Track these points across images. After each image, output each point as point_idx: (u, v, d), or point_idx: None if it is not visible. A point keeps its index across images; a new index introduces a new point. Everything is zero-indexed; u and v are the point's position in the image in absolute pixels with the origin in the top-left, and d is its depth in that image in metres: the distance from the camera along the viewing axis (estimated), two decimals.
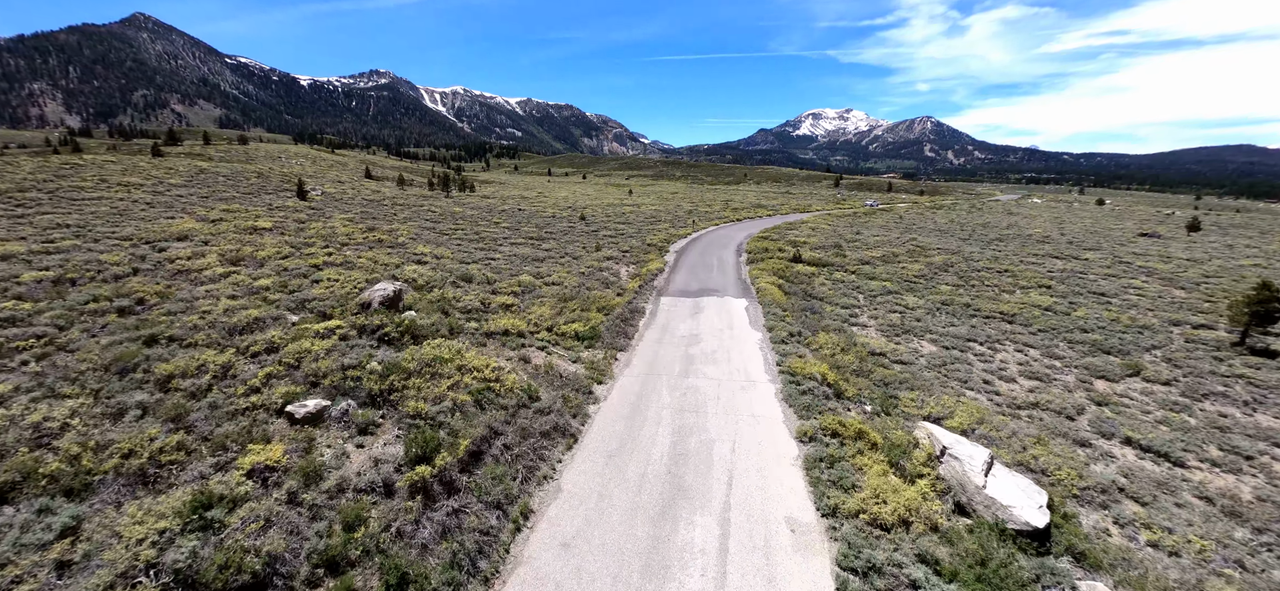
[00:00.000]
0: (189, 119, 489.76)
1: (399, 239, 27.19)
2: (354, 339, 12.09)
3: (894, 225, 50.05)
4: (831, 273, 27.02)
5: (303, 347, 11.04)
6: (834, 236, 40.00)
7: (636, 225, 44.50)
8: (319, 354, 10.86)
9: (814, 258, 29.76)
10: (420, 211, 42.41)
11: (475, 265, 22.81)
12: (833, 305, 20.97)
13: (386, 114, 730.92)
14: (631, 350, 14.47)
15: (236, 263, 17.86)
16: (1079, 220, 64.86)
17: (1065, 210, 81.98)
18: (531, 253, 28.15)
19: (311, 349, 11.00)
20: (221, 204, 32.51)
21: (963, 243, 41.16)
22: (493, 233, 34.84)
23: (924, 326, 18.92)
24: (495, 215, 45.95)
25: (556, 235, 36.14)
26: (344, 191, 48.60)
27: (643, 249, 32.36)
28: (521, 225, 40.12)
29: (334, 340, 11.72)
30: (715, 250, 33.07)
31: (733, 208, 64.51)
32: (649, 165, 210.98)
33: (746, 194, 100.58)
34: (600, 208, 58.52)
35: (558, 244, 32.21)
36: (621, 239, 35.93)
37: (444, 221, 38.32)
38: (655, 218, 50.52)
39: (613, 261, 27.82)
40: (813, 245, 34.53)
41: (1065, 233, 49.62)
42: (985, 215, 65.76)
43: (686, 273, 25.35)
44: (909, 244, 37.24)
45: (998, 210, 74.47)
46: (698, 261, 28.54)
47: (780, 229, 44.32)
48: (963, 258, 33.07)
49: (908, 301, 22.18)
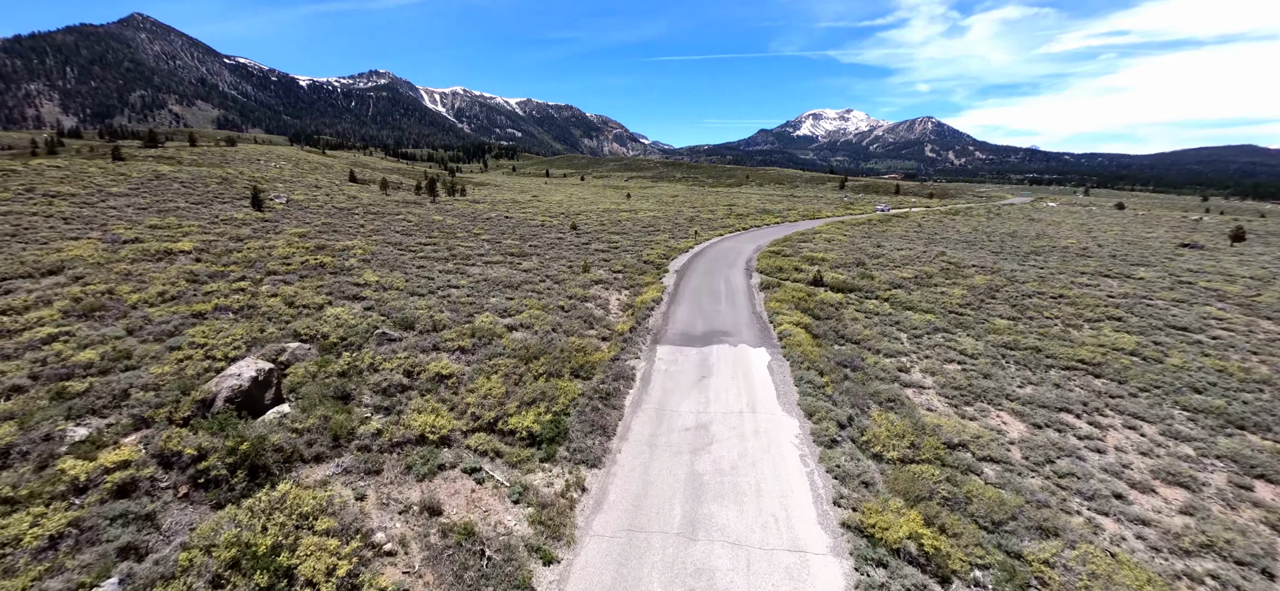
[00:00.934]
0: (186, 119, 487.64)
1: (348, 262, 22.99)
2: (145, 486, 7.75)
3: (914, 235, 45.83)
4: (861, 300, 22.81)
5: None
6: (853, 250, 35.78)
7: (633, 236, 40.30)
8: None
9: (838, 280, 25.54)
10: (394, 221, 38.27)
11: (428, 298, 18.59)
12: (874, 352, 16.74)
13: (386, 115, 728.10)
14: (609, 465, 9.77)
15: (90, 313, 13.66)
16: (1106, 227, 60.64)
17: (1086, 215, 77.72)
18: (506, 275, 23.95)
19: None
20: (155, 217, 28.36)
21: (995, 255, 36.97)
22: (468, 248, 30.67)
23: (997, 386, 14.70)
24: (478, 224, 41.80)
25: (541, 249, 31.98)
26: (315, 198, 44.46)
27: (638, 268, 28.15)
28: (504, 237, 35.94)
29: (85, 507, 7.28)
30: (722, 269, 28.82)
31: (737, 214, 60.31)
32: (649, 166, 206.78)
33: (749, 197, 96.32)
34: (595, 214, 54.38)
35: (540, 261, 28.03)
36: (615, 254, 31.77)
37: (416, 233, 34.16)
38: (654, 226, 46.34)
39: (602, 287, 23.62)
40: (832, 263, 30.30)
41: (1100, 243, 45.40)
42: (1007, 222, 61.52)
43: (689, 304, 21.06)
44: (939, 260, 33.03)
45: (1018, 216, 70.20)
46: (702, 286, 24.24)
47: (792, 241, 40.12)
48: (1005, 278, 28.84)
49: (963, 344, 17.96)
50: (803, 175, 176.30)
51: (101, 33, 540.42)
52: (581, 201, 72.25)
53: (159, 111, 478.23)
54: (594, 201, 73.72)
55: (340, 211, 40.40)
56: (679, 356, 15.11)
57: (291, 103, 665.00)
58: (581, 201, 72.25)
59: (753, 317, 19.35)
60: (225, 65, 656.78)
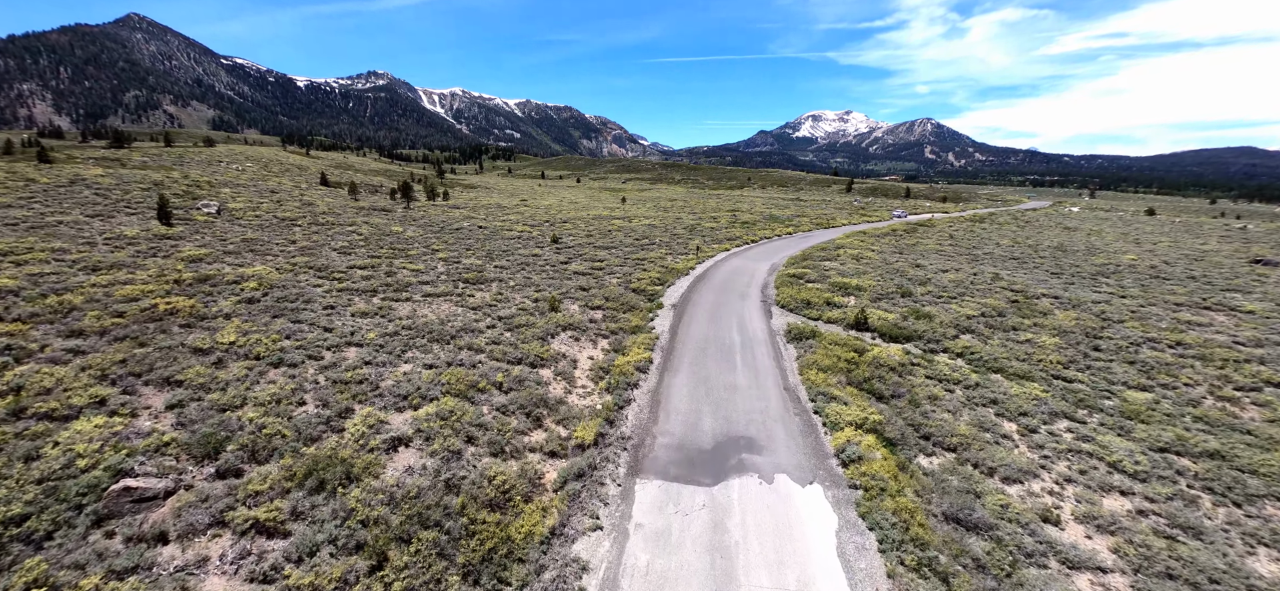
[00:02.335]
0: (181, 120, 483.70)
1: (218, 306, 16.73)
2: None
3: (950, 249, 39.58)
4: (927, 356, 16.59)
5: None
6: (890, 272, 29.52)
7: (624, 251, 34.10)
8: None
9: (887, 322, 19.30)
10: (340, 234, 32.08)
11: (293, 375, 12.39)
12: (985, 472, 10.52)
13: (384, 115, 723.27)
14: None
15: None
16: (1152, 237, 54.41)
17: (1121, 223, 71.42)
18: (444, 317, 17.75)
19: None
20: (11, 237, 22.20)
21: (1056, 277, 30.75)
22: (414, 271, 24.44)
23: (1208, 563, 8.48)
24: (444, 236, 35.60)
25: (508, 272, 25.76)
26: (261, 206, 38.27)
27: (623, 302, 21.91)
28: (466, 254, 29.72)
29: None
30: (732, 303, 22.55)
31: (742, 222, 54.07)
32: (647, 168, 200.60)
33: (753, 201, 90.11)
34: (584, 221, 48.18)
35: (499, 292, 21.82)
36: (598, 280, 25.55)
37: (359, 250, 27.94)
38: (648, 239, 40.10)
39: (571, 336, 17.40)
40: (872, 292, 24.03)
41: (1167, 260, 39.15)
42: (1043, 231, 55.27)
43: (691, 374, 14.69)
44: (1000, 287, 26.79)
45: (1049, 224, 63.90)
46: (709, 337, 17.85)
47: (812, 258, 33.89)
48: (1093, 314, 22.60)
49: (1108, 447, 11.74)
50: (806, 177, 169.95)
51: (96, 33, 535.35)
52: (572, 207, 66.08)
53: (153, 112, 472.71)
54: (586, 206, 67.57)
55: (280, 223, 34.23)
56: (673, 512, 8.71)
57: (288, 103, 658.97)
58: (572, 207, 66.08)
59: (787, 402, 13.03)
60: (222, 66, 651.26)
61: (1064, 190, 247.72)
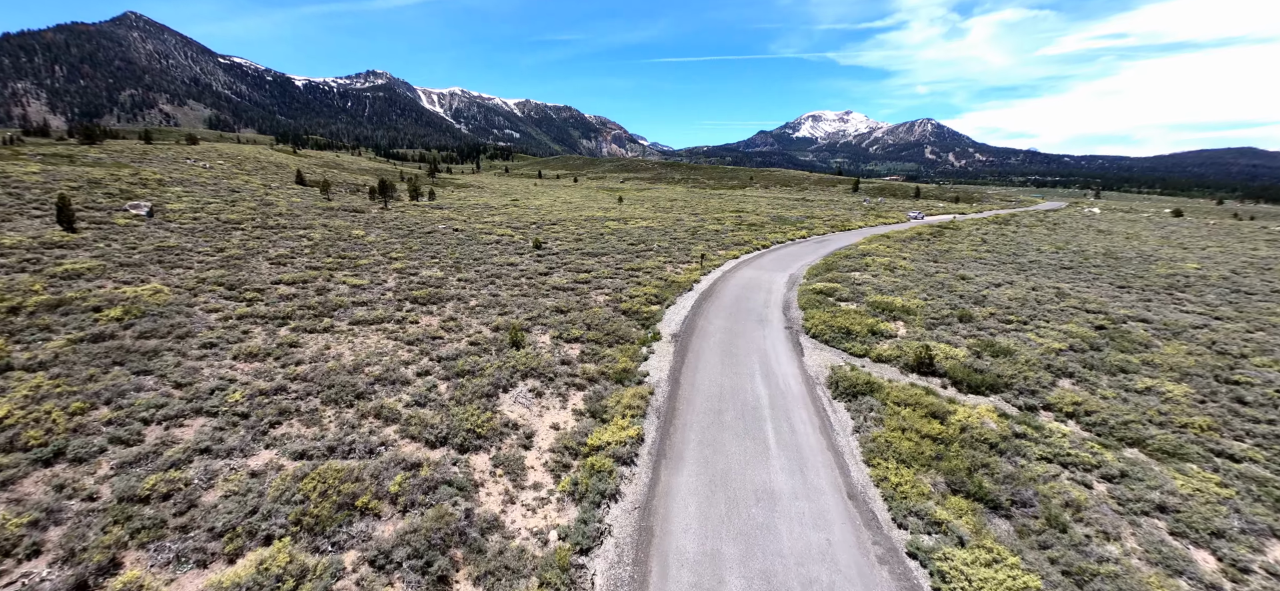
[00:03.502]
0: (177, 119, 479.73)
1: (23, 358, 12.07)
2: None
3: (989, 256, 34.83)
4: (1033, 422, 11.89)
5: None
6: (934, 286, 24.77)
7: (615, 259, 29.38)
8: None
9: (958, 363, 14.61)
10: (285, 239, 27.33)
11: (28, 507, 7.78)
12: None
13: (382, 114, 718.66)
14: None
15: None
16: (1194, 241, 49.72)
17: (1152, 225, 66.72)
18: (364, 357, 13.09)
19: None
20: None
21: (1124, 291, 26.04)
22: (354, 285, 19.75)
23: None
24: (411, 241, 30.89)
25: (471, 289, 21.05)
26: (208, 207, 33.60)
27: (609, 333, 17.20)
28: (428, 264, 25.00)
29: None
30: (750, 336, 17.79)
31: (749, 224, 49.35)
32: (646, 167, 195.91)
33: (758, 201, 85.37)
34: (575, 223, 43.48)
35: (450, 318, 17.10)
36: (580, 297, 20.88)
37: (298, 260, 23.21)
38: (645, 243, 35.38)
39: (533, 386, 12.72)
40: (923, 316, 19.30)
41: (1234, 270, 34.46)
42: (1078, 235, 50.56)
43: (700, 466, 9.47)
44: (1072, 307, 22.07)
45: (1081, 227, 59.14)
46: (724, 391, 12.76)
47: (836, 266, 29.16)
48: (1208, 347, 17.89)
49: None
50: (810, 177, 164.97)
51: (92, 31, 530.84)
52: (565, 207, 61.36)
53: (149, 111, 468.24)
54: (580, 207, 62.87)
55: (221, 226, 29.55)
56: None
57: (286, 103, 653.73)
58: (565, 207, 61.36)
59: (859, 528, 8.03)
60: (220, 65, 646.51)
61: (1067, 191, 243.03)
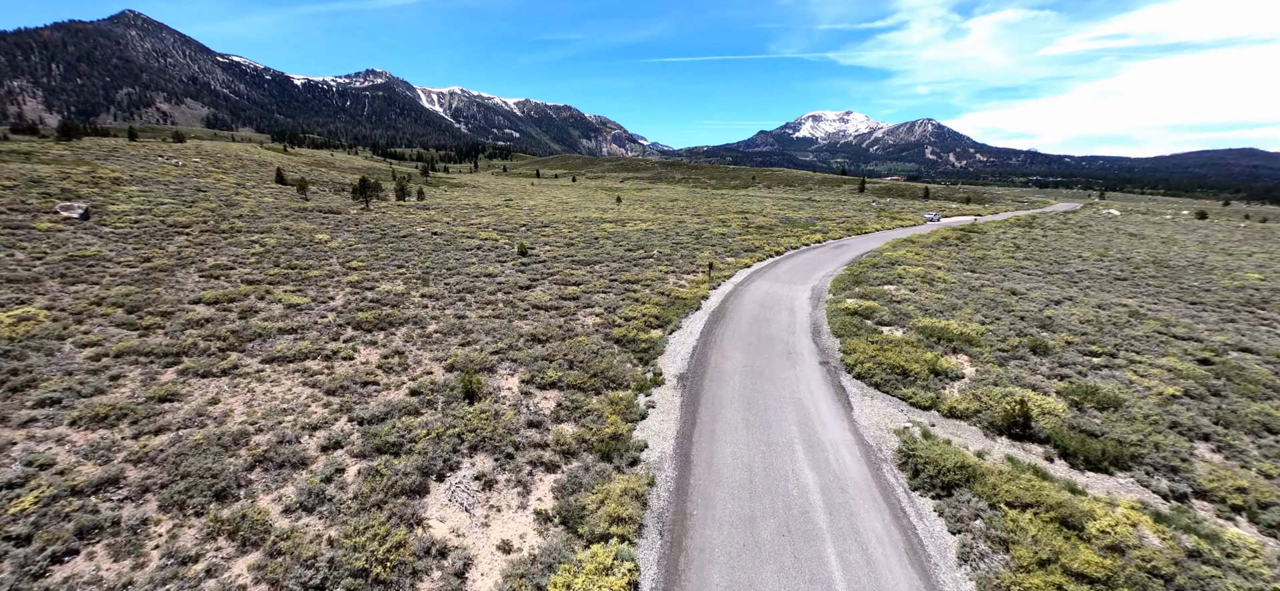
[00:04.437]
0: (175, 118, 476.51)
1: None
2: None
3: (1029, 265, 31.29)
4: (1200, 533, 8.46)
5: None
6: (984, 303, 21.30)
7: (610, 268, 25.94)
8: None
9: (1058, 423, 11.20)
10: (234, 245, 23.89)
11: None
12: None
13: (381, 114, 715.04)
14: None
15: None
16: (1233, 245, 46.25)
17: (1175, 226, 63.18)
18: (253, 418, 9.82)
19: None
20: None
21: (1197, 308, 22.60)
22: (285, 310, 16.36)
23: None
24: (383, 246, 27.44)
25: (431, 309, 17.63)
26: (157, 208, 30.21)
27: (596, 374, 13.77)
28: (392, 275, 21.57)
29: None
30: (779, 378, 14.22)
31: (757, 227, 45.88)
32: (646, 167, 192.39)
33: (762, 202, 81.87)
34: (568, 225, 40.03)
35: (395, 350, 13.71)
36: (564, 319, 17.47)
37: (239, 268, 19.79)
38: (643, 249, 31.90)
39: (481, 469, 9.34)
40: (990, 347, 15.80)
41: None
42: (1116, 239, 47.08)
43: None
44: (1153, 331, 18.62)
45: (1107, 229, 55.63)
46: (753, 473, 8.56)
47: (865, 277, 25.69)
48: None
49: None
50: (813, 176, 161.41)
51: (90, 29, 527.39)
52: (560, 208, 57.89)
53: (146, 109, 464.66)
54: (576, 207, 59.41)
55: (165, 230, 26.13)
56: None
57: (285, 101, 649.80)
58: (560, 208, 57.89)
59: None
60: (218, 63, 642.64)
61: (1070, 191, 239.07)
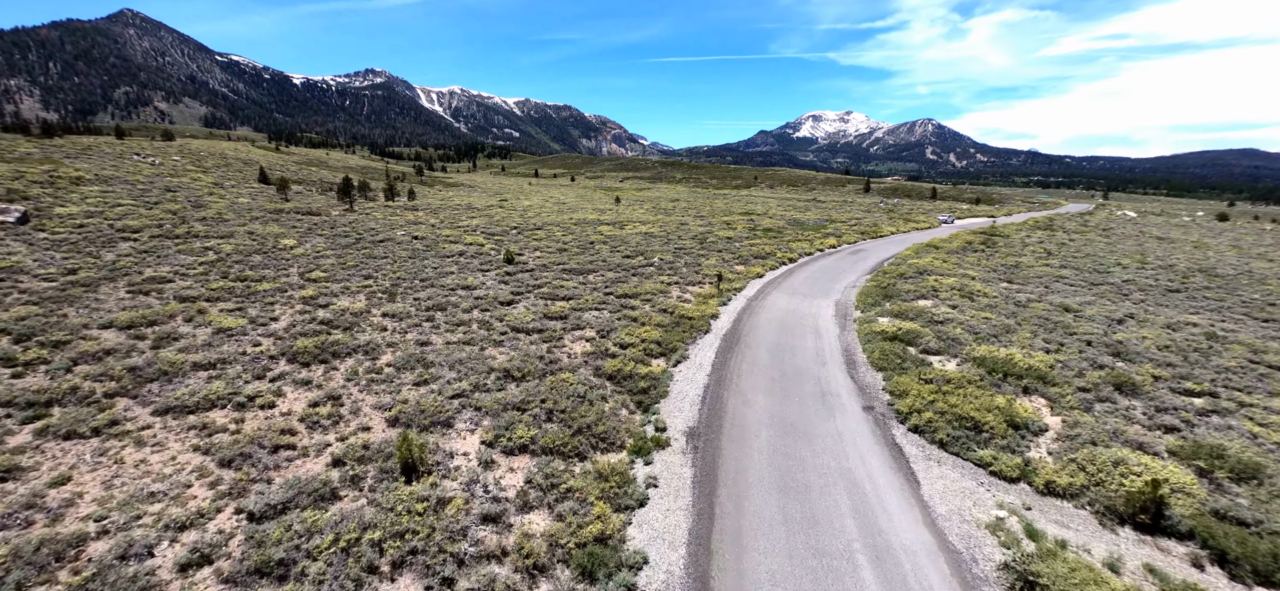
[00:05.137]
0: (173, 117, 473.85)
1: None
2: None
3: (1072, 276, 28.51)
4: None
5: None
6: (1041, 326, 18.60)
7: (604, 278, 23.25)
8: None
9: (1207, 517, 8.53)
10: (185, 253, 21.23)
11: None
12: None
13: (381, 113, 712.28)
14: None
15: None
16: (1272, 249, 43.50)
17: (1199, 229, 60.45)
18: (99, 502, 7.13)
19: None
20: None
21: (1270, 326, 19.88)
22: (211, 337, 13.77)
23: None
24: (354, 252, 24.73)
25: (390, 335, 14.97)
26: (112, 210, 27.54)
27: (581, 428, 11.20)
28: (357, 288, 18.92)
29: None
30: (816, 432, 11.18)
31: (764, 229, 43.19)
32: (646, 166, 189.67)
33: (766, 202, 79.16)
34: (562, 228, 37.33)
35: (329, 394, 11.10)
36: (548, 345, 14.82)
37: (179, 280, 17.15)
38: (643, 255, 29.20)
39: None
40: (1067, 386, 13.08)
41: None
42: (1148, 243, 44.36)
43: None
44: (1245, 359, 15.92)
45: (1134, 232, 52.91)
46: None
47: (897, 292, 23.00)
48: None
49: None
50: (816, 176, 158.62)
51: (88, 28, 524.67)
52: (555, 208, 55.23)
53: (144, 108, 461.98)
54: (573, 208, 56.76)
55: (111, 234, 23.46)
56: None
57: (284, 101, 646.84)
58: (555, 208, 55.23)
59: None
60: (217, 62, 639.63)
61: (1072, 191, 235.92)
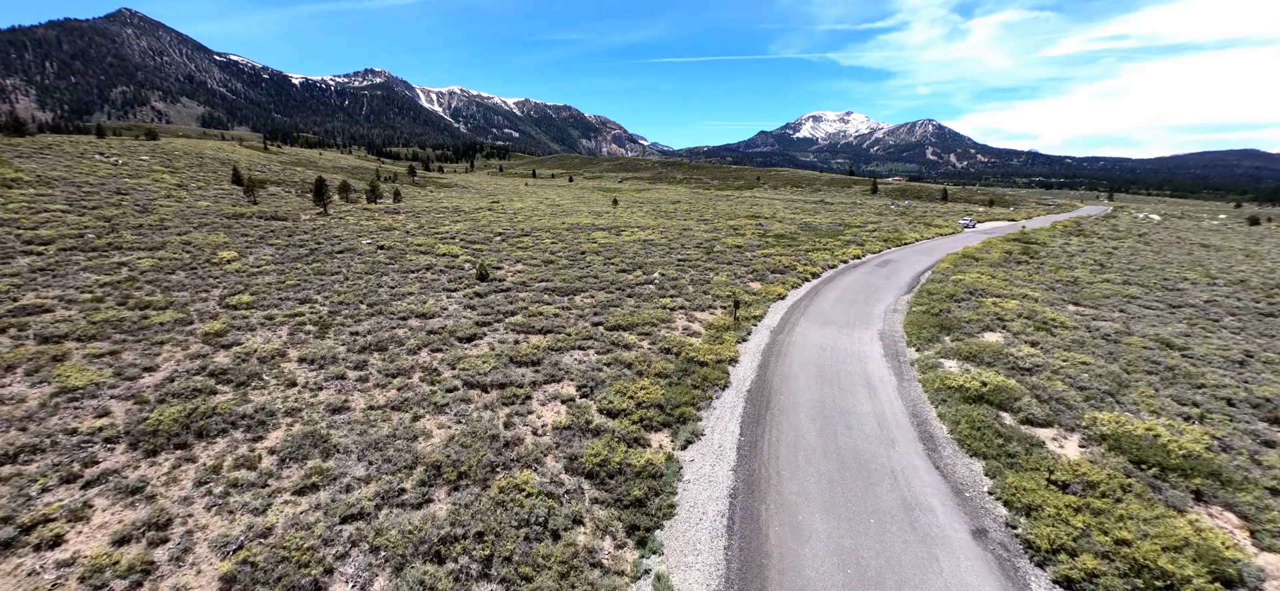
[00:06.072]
0: (169, 117, 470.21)
1: None
2: None
3: (1142, 294, 24.62)
4: None
5: None
6: (1160, 374, 14.81)
7: (594, 300, 19.48)
8: None
9: None
10: (72, 276, 17.47)
11: None
12: None
13: (380, 113, 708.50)
14: None
15: None
16: None
17: (1237, 234, 56.64)
18: None
19: None
20: None
21: None
22: (42, 412, 9.94)
23: None
24: (309, 265, 20.86)
25: (295, 396, 11.21)
26: (29, 219, 23.72)
27: None
28: (277, 322, 15.14)
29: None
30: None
31: (775, 235, 39.37)
32: (646, 167, 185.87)
33: (772, 204, 75.31)
34: (553, 234, 33.52)
35: (147, 529, 7.31)
36: (498, 426, 11.08)
37: (31, 323, 13.38)
38: (641, 268, 25.36)
39: None
40: (1249, 489, 9.34)
41: None
42: (1202, 253, 40.51)
43: None
44: None
45: (1171, 239, 49.05)
46: None
47: (955, 322, 19.21)
48: None
49: None
50: (820, 176, 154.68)
51: (86, 27, 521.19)
52: (548, 211, 51.43)
53: (140, 108, 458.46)
54: (568, 211, 52.98)
55: (7, 250, 19.63)
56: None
57: (283, 101, 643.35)
58: (548, 211, 51.43)
59: None
60: (215, 62, 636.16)
61: (1075, 192, 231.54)
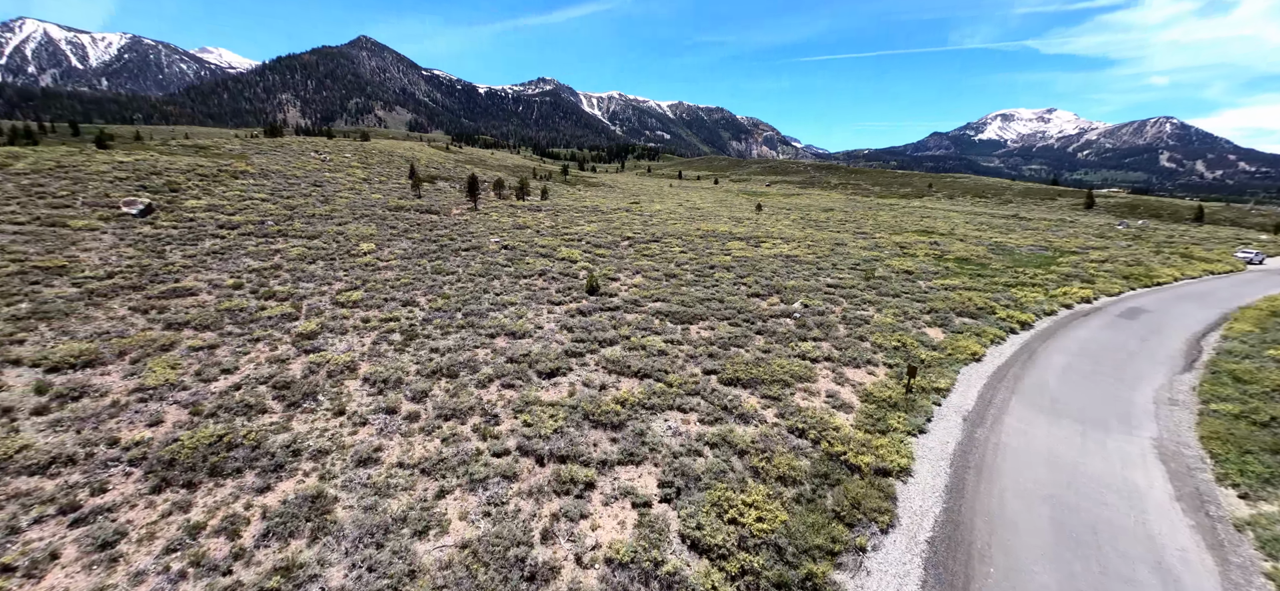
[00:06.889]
0: (387, 122, 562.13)
1: None
2: None
3: None
4: None
5: None
6: None
7: (707, 336, 16.02)
8: None
9: None
10: (238, 258, 18.90)
11: None
12: None
13: (547, 117, 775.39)
14: None
15: None
16: None
17: None
18: None
19: None
20: None
21: None
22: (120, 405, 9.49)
23: None
24: (433, 261, 20.74)
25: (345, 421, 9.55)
26: (228, 205, 27.61)
27: None
28: (360, 333, 14.26)
29: None
30: None
31: (957, 259, 31.82)
32: (797, 170, 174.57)
33: (948, 217, 63.72)
34: (684, 241, 30.60)
35: None
36: (576, 502, 8.23)
37: (175, 303, 14.03)
38: (778, 293, 21.13)
39: None
40: None
41: None
42: None
43: None
44: None
45: None
46: None
47: None
48: None
49: None
50: (1012, 185, 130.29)
51: (335, 52, 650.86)
52: (686, 216, 48.78)
53: (367, 115, 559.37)
54: (706, 215, 49.83)
55: (204, 232, 22.33)
56: None
57: (470, 107, 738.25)
58: (686, 216, 48.78)
59: None
60: (422, 76, 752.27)
61: None
